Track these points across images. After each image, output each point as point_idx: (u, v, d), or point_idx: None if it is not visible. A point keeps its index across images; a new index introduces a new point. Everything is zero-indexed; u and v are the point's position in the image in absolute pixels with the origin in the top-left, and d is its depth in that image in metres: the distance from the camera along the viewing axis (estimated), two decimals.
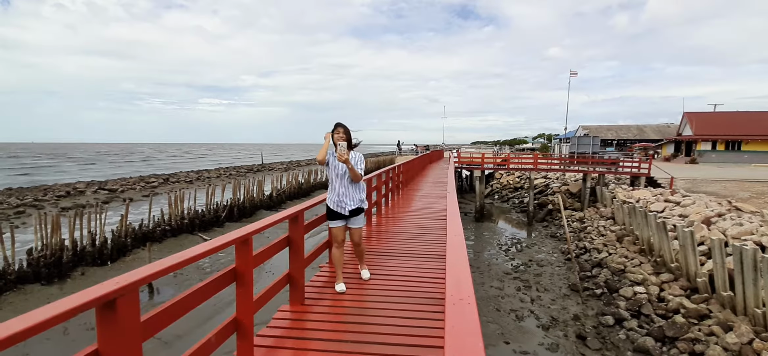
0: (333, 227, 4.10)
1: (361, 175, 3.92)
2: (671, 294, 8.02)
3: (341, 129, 3.85)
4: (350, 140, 3.91)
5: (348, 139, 3.87)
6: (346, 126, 3.92)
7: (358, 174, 3.89)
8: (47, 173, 42.65)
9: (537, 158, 24.09)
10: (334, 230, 4.09)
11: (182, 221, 13.59)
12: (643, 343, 6.74)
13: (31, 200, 20.03)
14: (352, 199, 3.99)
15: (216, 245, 2.40)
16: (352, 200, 3.99)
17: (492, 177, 30.34)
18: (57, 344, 6.46)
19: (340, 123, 3.89)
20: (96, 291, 1.61)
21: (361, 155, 4.03)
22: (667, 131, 45.32)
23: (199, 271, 10.10)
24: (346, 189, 3.96)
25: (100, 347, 1.66)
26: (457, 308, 1.35)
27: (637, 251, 10.73)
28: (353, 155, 3.92)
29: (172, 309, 2.08)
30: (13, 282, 8.40)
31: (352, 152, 3.94)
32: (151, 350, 6.08)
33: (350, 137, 3.91)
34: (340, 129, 3.85)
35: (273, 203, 19.81)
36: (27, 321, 1.34)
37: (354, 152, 3.97)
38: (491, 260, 12.33)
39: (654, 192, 15.65)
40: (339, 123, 3.88)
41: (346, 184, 3.95)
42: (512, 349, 6.96)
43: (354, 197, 4.01)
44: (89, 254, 10.10)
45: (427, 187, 13.89)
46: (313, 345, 3.04)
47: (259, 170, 43.26)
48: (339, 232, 4.07)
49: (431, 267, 4.88)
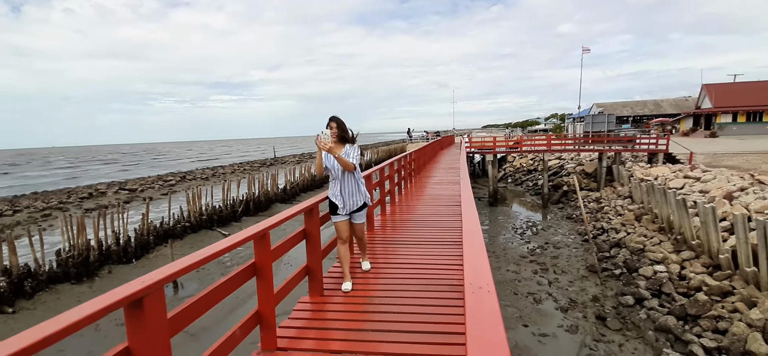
0: (337, 222, 3.97)
1: (353, 165, 3.75)
2: (693, 271, 7.87)
3: (334, 123, 3.75)
4: (346, 133, 3.80)
5: (342, 132, 3.76)
6: (340, 119, 3.80)
7: (348, 163, 3.71)
8: (90, 174, 44.19)
9: (550, 139, 23.70)
10: (339, 225, 3.96)
11: (201, 217, 13.87)
12: (665, 322, 6.66)
13: (56, 203, 20.69)
14: (352, 196, 3.86)
15: (235, 242, 2.44)
16: (353, 198, 3.87)
17: (504, 160, 30.01)
18: (90, 339, 6.73)
19: (334, 117, 3.79)
20: (123, 290, 1.67)
21: (357, 147, 3.87)
22: (685, 104, 43.97)
23: (220, 265, 10.33)
24: (346, 185, 3.83)
25: (130, 344, 1.72)
26: (477, 296, 1.36)
27: (656, 230, 10.53)
28: (347, 149, 3.80)
29: (196, 305, 2.13)
30: (45, 282, 8.75)
31: (347, 145, 3.82)
32: (179, 342, 6.27)
33: (346, 130, 3.80)
34: (333, 123, 3.75)
35: (287, 196, 20.02)
36: (61, 322, 1.39)
37: (349, 146, 3.83)
38: (507, 244, 12.27)
39: (673, 169, 15.27)
40: (332, 117, 3.78)
41: (346, 180, 3.82)
42: (531, 332, 6.96)
43: (355, 195, 3.88)
44: (114, 253, 10.42)
45: (439, 173, 13.83)
46: (334, 334, 3.10)
47: (272, 163, 43.69)
48: (342, 227, 3.94)
49: (448, 253, 4.89)
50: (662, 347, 6.20)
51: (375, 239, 5.81)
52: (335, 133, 3.73)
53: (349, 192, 3.86)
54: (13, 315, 7.77)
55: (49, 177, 42.60)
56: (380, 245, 5.49)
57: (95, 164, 61.04)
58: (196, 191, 14.21)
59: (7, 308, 7.85)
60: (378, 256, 5.04)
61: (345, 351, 2.84)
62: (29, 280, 8.48)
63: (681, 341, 6.24)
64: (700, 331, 6.32)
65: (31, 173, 51.86)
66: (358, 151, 3.87)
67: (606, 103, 48.74)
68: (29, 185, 33.57)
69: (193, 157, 75.19)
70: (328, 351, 2.85)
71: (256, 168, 37.64)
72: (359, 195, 3.91)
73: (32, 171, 54.33)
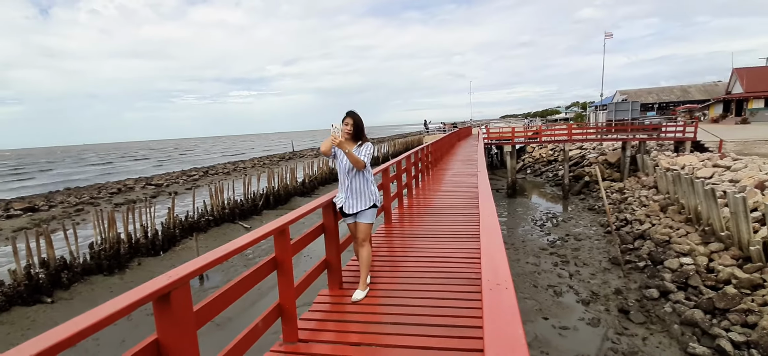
0: (347, 223, 3.80)
1: (364, 162, 3.55)
2: (721, 264, 7.60)
3: (350, 119, 3.56)
4: (362, 130, 3.62)
5: (359, 129, 3.59)
6: (358, 116, 3.61)
7: (358, 159, 3.50)
8: (128, 170, 46.17)
9: (571, 129, 23.14)
10: (350, 226, 3.81)
11: (223, 211, 14.24)
12: (691, 316, 6.48)
13: (88, 198, 21.60)
14: (360, 197, 3.64)
15: (256, 237, 2.52)
16: (361, 199, 3.64)
17: (523, 151, 29.49)
18: (122, 329, 7.05)
19: (351, 112, 3.60)
20: (152, 285, 1.76)
21: (370, 145, 3.66)
22: (715, 90, 42.05)
23: (242, 258, 10.61)
24: (354, 184, 3.62)
25: (159, 336, 1.82)
26: (495, 293, 1.37)
27: (682, 221, 10.20)
28: (358, 148, 3.60)
29: (221, 298, 2.22)
30: (79, 274, 9.20)
31: (360, 143, 3.63)
32: (205, 331, 6.49)
33: (362, 127, 3.62)
34: (350, 119, 3.56)
35: (306, 190, 20.29)
36: (97, 315, 1.48)
37: (360, 145, 3.62)
38: (526, 237, 12.12)
39: (701, 157, 14.69)
40: (349, 112, 3.61)
41: (354, 179, 3.61)
42: (551, 325, 6.89)
43: (363, 196, 3.64)
44: (143, 246, 10.83)
45: (456, 165, 13.74)
46: (354, 327, 3.16)
47: (290, 157, 44.26)
48: (353, 228, 3.78)
49: (465, 247, 4.88)
50: (688, 341, 6.03)
51: (393, 232, 5.85)
52: (350, 130, 3.56)
53: (357, 192, 3.63)
54: (52, 304, 8.20)
55: (88, 172, 44.51)
56: (398, 238, 5.53)
57: (127, 161, 62.99)
58: (218, 186, 14.58)
59: (46, 298, 8.30)
60: (396, 249, 5.08)
61: (364, 343, 2.90)
62: (65, 272, 8.92)
63: (708, 335, 6.07)
64: (728, 325, 6.12)
65: (65, 169, 54.19)
66: (371, 149, 3.67)
67: (630, 90, 47.15)
68: (77, 180, 34.91)
69: (221, 151, 77.23)
70: (347, 343, 2.92)
71: (275, 162, 38.22)
72: (367, 195, 3.66)
73: (68, 168, 56.64)
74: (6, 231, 14.63)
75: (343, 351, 2.81)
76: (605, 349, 6.14)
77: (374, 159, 32.62)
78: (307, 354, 2.81)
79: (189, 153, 78.77)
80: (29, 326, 7.42)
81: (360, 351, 2.81)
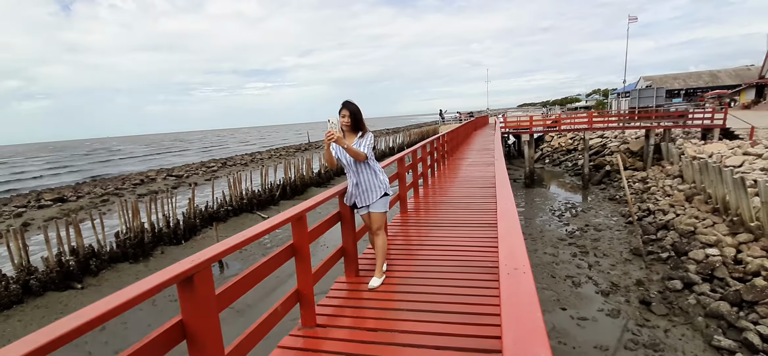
0: (362, 215, 3.78)
1: (365, 154, 3.44)
2: (750, 255, 7.34)
3: (347, 110, 3.42)
4: (360, 119, 3.48)
5: (356, 119, 3.46)
6: (354, 105, 3.47)
7: (359, 153, 3.40)
8: (167, 157, 47.93)
9: (592, 117, 22.55)
10: (364, 218, 3.80)
11: (242, 201, 14.52)
12: (717, 308, 6.30)
13: (113, 189, 22.34)
14: (370, 190, 3.58)
15: (274, 224, 2.56)
16: (371, 191, 3.58)
17: (541, 140, 28.93)
18: (148, 313, 7.32)
19: (347, 103, 3.46)
20: (176, 268, 1.83)
21: (370, 135, 3.54)
22: (747, 74, 40.15)
23: (260, 246, 10.83)
24: (362, 176, 3.55)
25: (183, 317, 1.88)
26: (512, 277, 1.36)
27: (709, 211, 9.86)
28: (359, 140, 3.49)
29: (241, 283, 2.28)
30: (107, 261, 9.58)
31: (360, 134, 3.52)
32: (227, 317, 6.69)
33: (360, 116, 3.48)
34: (346, 110, 3.43)
35: (322, 180, 20.46)
36: (125, 295, 1.55)
37: (361, 136, 3.51)
38: (544, 227, 11.95)
39: (730, 145, 14.11)
40: (345, 103, 3.46)
41: (362, 171, 3.54)
42: (569, 315, 6.81)
43: (373, 187, 3.57)
44: (166, 235, 11.17)
45: (473, 155, 13.60)
46: (370, 313, 3.19)
47: (306, 148, 44.64)
48: (367, 219, 3.77)
49: (482, 235, 4.85)
50: (713, 334, 5.87)
51: (409, 221, 5.86)
52: (348, 123, 3.43)
53: (366, 184, 3.57)
54: (82, 290, 8.58)
55: (138, 166, 43.73)
56: (414, 227, 5.53)
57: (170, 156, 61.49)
58: (236, 177, 14.85)
59: (76, 284, 8.68)
60: (412, 237, 5.09)
61: (380, 328, 2.94)
62: (93, 259, 9.30)
63: (734, 328, 5.89)
64: (756, 318, 5.93)
65: (127, 165, 55.55)
66: (371, 138, 3.53)
67: (655, 76, 45.54)
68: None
69: (256, 139, 77.39)
70: (364, 329, 2.95)
71: (291, 153, 38.61)
72: (377, 186, 3.60)
73: (127, 162, 57.15)
74: (38, 221, 15.32)
75: (360, 336, 2.85)
76: (625, 341, 6.04)
77: (389, 150, 32.76)
78: (325, 338, 2.86)
79: (215, 146, 79.51)
80: (61, 310, 7.78)
81: (377, 336, 2.84)
